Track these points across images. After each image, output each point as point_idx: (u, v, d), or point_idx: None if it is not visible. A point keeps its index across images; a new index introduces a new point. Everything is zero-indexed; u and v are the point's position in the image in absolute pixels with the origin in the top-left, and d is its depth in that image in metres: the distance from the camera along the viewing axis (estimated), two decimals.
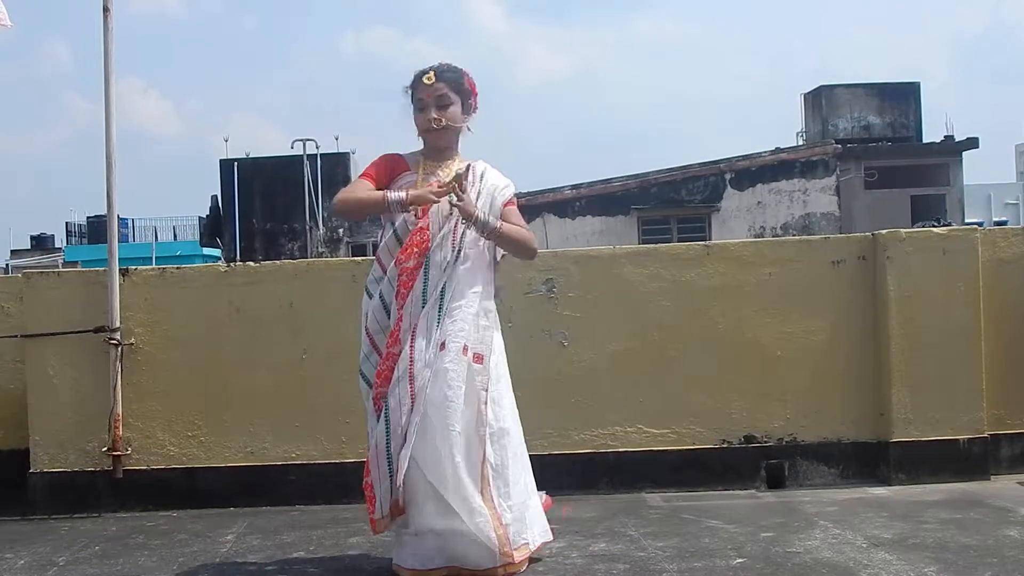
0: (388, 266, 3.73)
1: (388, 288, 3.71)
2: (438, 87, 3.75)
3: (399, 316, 3.65)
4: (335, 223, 29.15)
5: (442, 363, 3.59)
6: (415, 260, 3.67)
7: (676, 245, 5.37)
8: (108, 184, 5.12)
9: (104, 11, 5.02)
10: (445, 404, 3.58)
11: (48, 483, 5.02)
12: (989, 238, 5.26)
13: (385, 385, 3.63)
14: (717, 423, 5.08)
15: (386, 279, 3.72)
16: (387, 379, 3.63)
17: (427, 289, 3.64)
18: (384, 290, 3.71)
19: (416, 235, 3.69)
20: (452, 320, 3.63)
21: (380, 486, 3.60)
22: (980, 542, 3.95)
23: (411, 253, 3.68)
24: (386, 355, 3.65)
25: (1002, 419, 5.16)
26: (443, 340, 3.61)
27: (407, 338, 3.61)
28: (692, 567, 3.76)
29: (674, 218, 24.18)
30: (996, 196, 39.57)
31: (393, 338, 3.64)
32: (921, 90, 30.39)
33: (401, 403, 3.58)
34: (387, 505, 3.60)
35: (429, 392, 3.57)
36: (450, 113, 3.77)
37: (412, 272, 3.66)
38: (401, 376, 3.59)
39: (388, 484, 3.58)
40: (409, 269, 3.67)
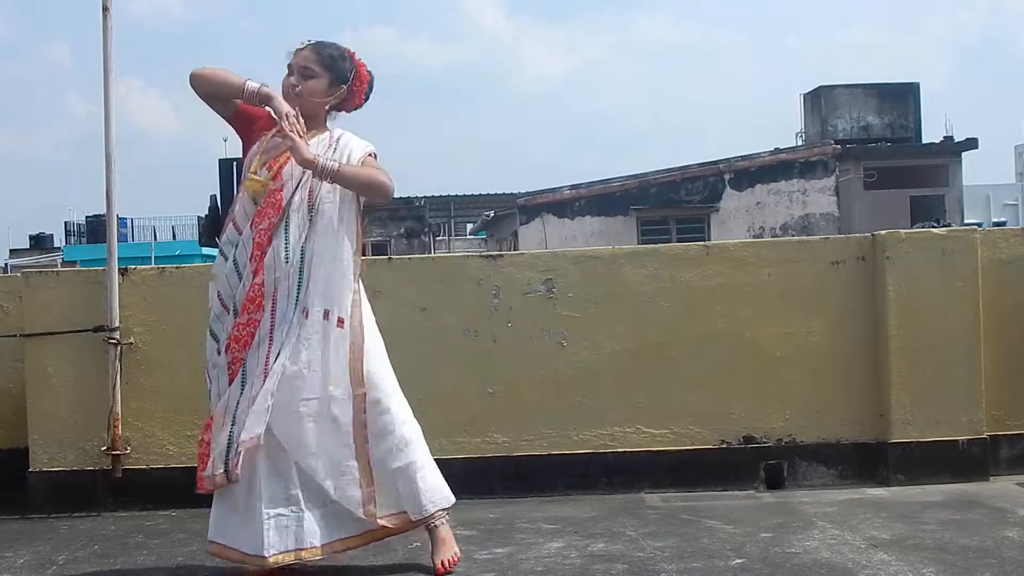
0: (244, 228, 3.69)
1: (242, 251, 3.67)
2: (306, 56, 3.75)
3: (258, 280, 3.62)
4: None
5: (304, 329, 3.59)
6: (269, 222, 3.64)
7: (675, 245, 5.37)
8: (107, 183, 5.11)
9: (103, 11, 5.02)
10: (304, 371, 3.58)
11: (47, 482, 5.02)
12: (989, 239, 5.26)
13: (243, 350, 3.61)
14: (716, 423, 5.08)
15: (240, 241, 3.69)
16: (246, 344, 3.61)
17: (288, 252, 3.62)
18: (238, 253, 3.68)
19: (271, 197, 3.65)
20: (314, 283, 3.62)
21: (217, 446, 3.57)
22: (979, 543, 3.95)
23: (265, 214, 3.65)
24: (247, 321, 3.61)
25: (1001, 420, 5.17)
26: (305, 306, 3.61)
27: (268, 302, 3.60)
28: (691, 567, 3.76)
29: (673, 218, 24.20)
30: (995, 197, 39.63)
31: (254, 303, 3.61)
32: (920, 91, 30.44)
33: (259, 366, 3.58)
34: (221, 465, 3.56)
35: (289, 360, 3.56)
36: (311, 86, 3.74)
37: (268, 235, 3.63)
38: (262, 339, 3.59)
39: (226, 445, 3.55)
40: (265, 231, 3.63)
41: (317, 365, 3.60)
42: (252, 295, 3.62)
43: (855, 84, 30.40)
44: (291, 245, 3.62)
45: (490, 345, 5.05)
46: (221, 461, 3.56)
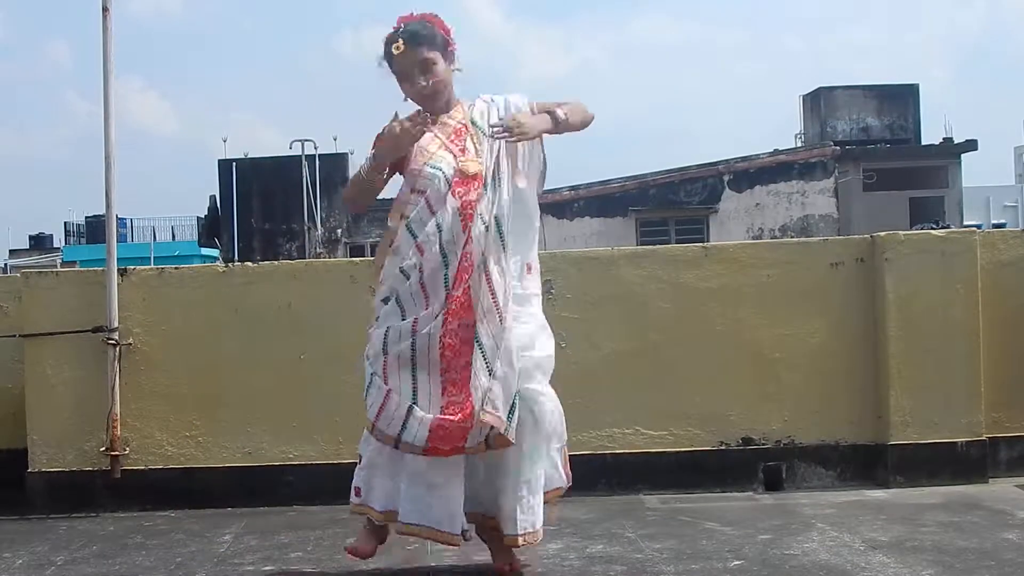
0: (444, 204, 3.54)
1: (448, 225, 3.53)
2: (412, 54, 3.55)
3: (464, 252, 3.49)
4: (333, 223, 29.15)
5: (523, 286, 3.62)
6: (475, 191, 3.52)
7: (674, 247, 5.38)
8: (107, 184, 5.11)
9: (103, 11, 5.02)
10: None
11: (46, 483, 5.02)
12: (988, 240, 5.26)
13: (455, 320, 3.48)
14: (715, 425, 5.08)
15: (439, 216, 3.53)
16: (460, 315, 3.49)
17: (485, 220, 3.50)
18: (443, 226, 3.52)
19: (463, 171, 3.54)
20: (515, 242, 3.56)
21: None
22: (978, 545, 3.95)
23: (471, 185, 3.53)
24: (462, 292, 3.48)
25: (1000, 422, 5.17)
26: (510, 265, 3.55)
27: (480, 271, 3.49)
28: (689, 569, 3.76)
29: (672, 219, 24.23)
30: (995, 198, 39.62)
31: (468, 273, 3.49)
32: (920, 92, 30.50)
33: (495, 336, 3.48)
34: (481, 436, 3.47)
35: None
36: (436, 72, 3.58)
37: (474, 203, 3.51)
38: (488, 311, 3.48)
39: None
40: (472, 201, 3.52)
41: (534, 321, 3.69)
42: (465, 265, 3.49)
43: (854, 85, 30.45)
44: (485, 216, 3.51)
45: None
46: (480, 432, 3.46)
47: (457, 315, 3.48)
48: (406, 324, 3.54)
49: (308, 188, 28.10)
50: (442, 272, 3.52)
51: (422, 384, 3.52)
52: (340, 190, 29.71)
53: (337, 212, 29.53)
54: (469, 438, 3.46)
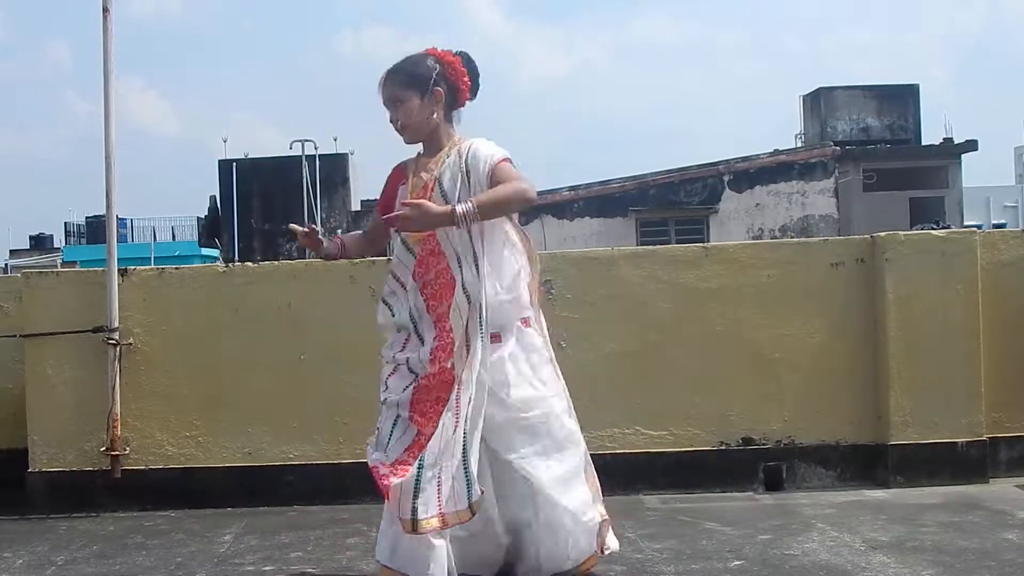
0: (406, 280, 3.55)
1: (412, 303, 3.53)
2: (387, 90, 3.57)
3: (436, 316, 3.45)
4: (333, 224, 29.15)
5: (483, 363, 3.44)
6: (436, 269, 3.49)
7: (674, 247, 5.38)
8: (107, 184, 5.12)
9: (103, 11, 5.02)
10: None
11: (46, 483, 5.02)
12: (988, 241, 5.26)
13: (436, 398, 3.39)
14: (715, 425, 5.08)
15: (408, 290, 3.54)
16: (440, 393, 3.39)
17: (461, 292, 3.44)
18: (412, 304, 3.52)
19: (424, 243, 3.50)
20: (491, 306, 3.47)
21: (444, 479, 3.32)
22: (978, 545, 3.95)
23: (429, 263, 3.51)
24: (438, 371, 3.40)
25: (1000, 422, 5.17)
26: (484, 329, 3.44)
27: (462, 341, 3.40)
28: (689, 569, 3.76)
29: (672, 220, 24.20)
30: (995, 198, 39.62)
31: (446, 352, 3.40)
32: (920, 92, 30.47)
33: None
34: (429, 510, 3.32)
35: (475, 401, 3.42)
36: (404, 111, 3.56)
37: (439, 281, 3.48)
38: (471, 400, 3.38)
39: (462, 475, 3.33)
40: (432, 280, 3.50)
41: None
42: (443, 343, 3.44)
43: (854, 86, 30.43)
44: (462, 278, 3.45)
45: None
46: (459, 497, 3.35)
47: (431, 394, 3.41)
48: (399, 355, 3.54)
49: (308, 188, 28.11)
50: (416, 352, 3.48)
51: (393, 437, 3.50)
52: (340, 190, 29.78)
53: (337, 212, 29.55)
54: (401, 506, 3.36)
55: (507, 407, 3.44)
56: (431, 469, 3.32)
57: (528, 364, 3.54)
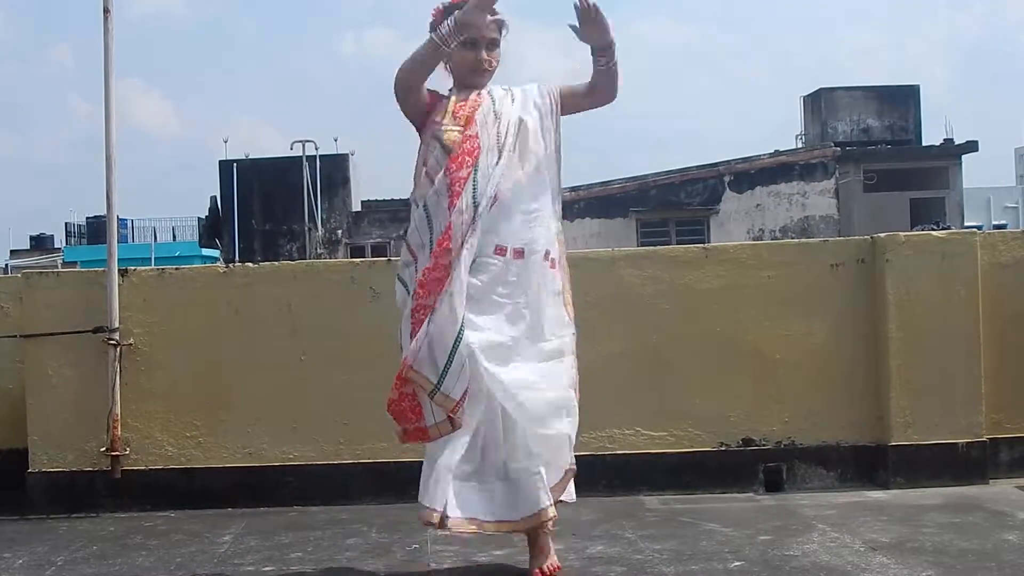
0: (437, 177, 3.57)
1: (435, 199, 3.55)
2: (492, 31, 3.63)
3: (448, 225, 3.49)
4: (333, 224, 29.16)
5: (510, 269, 3.54)
6: (467, 169, 3.53)
7: (674, 248, 5.37)
8: (107, 185, 5.12)
9: (104, 12, 5.03)
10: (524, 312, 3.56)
11: (46, 483, 5.02)
12: (988, 242, 5.26)
13: (428, 296, 3.47)
14: (715, 426, 5.08)
15: (432, 191, 3.56)
16: (432, 290, 3.47)
17: (476, 195, 3.50)
18: (430, 201, 3.56)
19: (466, 143, 3.56)
20: (529, 225, 3.57)
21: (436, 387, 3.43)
22: (978, 546, 3.95)
23: (462, 161, 3.54)
24: (433, 265, 3.48)
25: (1001, 423, 5.17)
26: (520, 247, 3.54)
27: (459, 246, 3.47)
28: (690, 570, 3.76)
29: (673, 220, 24.22)
30: (995, 199, 39.64)
31: (442, 247, 3.48)
32: (920, 93, 30.49)
33: (452, 311, 3.44)
34: (440, 413, 3.47)
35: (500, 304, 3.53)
36: (495, 55, 3.68)
37: (463, 181, 3.53)
38: (452, 284, 3.45)
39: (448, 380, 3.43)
40: (462, 179, 3.53)
41: (530, 306, 3.58)
42: (442, 240, 3.49)
43: (855, 87, 30.45)
44: (478, 189, 3.51)
45: None
46: (441, 410, 3.47)
47: (429, 291, 3.48)
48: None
49: (309, 189, 28.11)
50: (428, 248, 3.55)
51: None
52: (341, 191, 29.77)
53: (338, 213, 29.55)
54: (425, 415, 3.50)
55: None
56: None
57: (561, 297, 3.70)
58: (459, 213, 3.49)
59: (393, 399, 3.54)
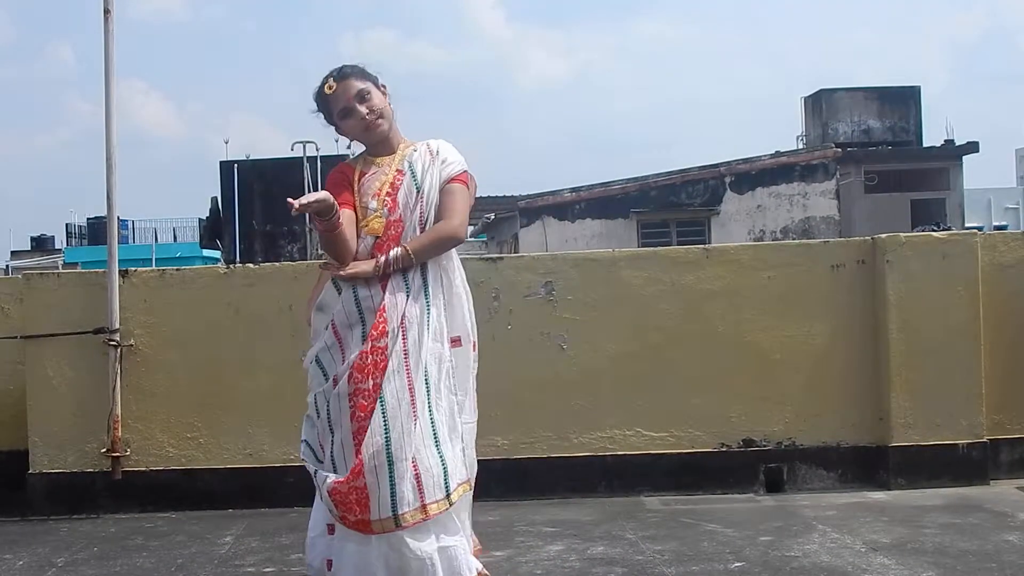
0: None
1: (366, 280, 3.46)
2: (347, 87, 3.52)
3: (382, 307, 3.42)
4: None
5: (449, 359, 3.46)
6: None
7: (675, 248, 5.38)
8: (108, 185, 5.12)
9: (105, 13, 5.03)
10: (461, 400, 3.48)
11: (47, 484, 5.02)
12: (989, 242, 5.26)
13: (367, 379, 3.37)
14: (716, 427, 5.08)
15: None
16: (370, 373, 3.38)
17: (406, 276, 3.46)
18: (358, 284, 3.47)
19: (390, 228, 3.49)
20: (452, 310, 3.51)
21: (380, 489, 3.29)
22: (979, 547, 3.95)
23: (387, 245, 3.47)
24: (371, 348, 3.39)
25: (1001, 424, 5.17)
26: (444, 331, 3.47)
27: (396, 329, 3.41)
28: (690, 571, 3.76)
29: (673, 221, 24.18)
30: (996, 200, 39.58)
31: (379, 330, 3.40)
32: (921, 94, 30.45)
33: (400, 399, 3.37)
34: (389, 507, 3.29)
35: (435, 390, 3.41)
36: (373, 102, 3.52)
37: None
38: (396, 370, 3.38)
39: (390, 487, 3.29)
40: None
41: (463, 393, 3.52)
42: (378, 322, 3.40)
43: (856, 87, 30.42)
44: (412, 271, 3.46)
45: (490, 347, 5.04)
46: (387, 505, 3.28)
47: (368, 374, 3.37)
48: (327, 386, 3.45)
49: (309, 189, 28.03)
50: (359, 328, 3.44)
51: (337, 451, 3.38)
52: None
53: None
54: (372, 506, 3.28)
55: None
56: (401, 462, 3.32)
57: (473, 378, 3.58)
58: (391, 294, 3.43)
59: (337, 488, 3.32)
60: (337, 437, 3.39)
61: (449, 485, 3.35)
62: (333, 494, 3.30)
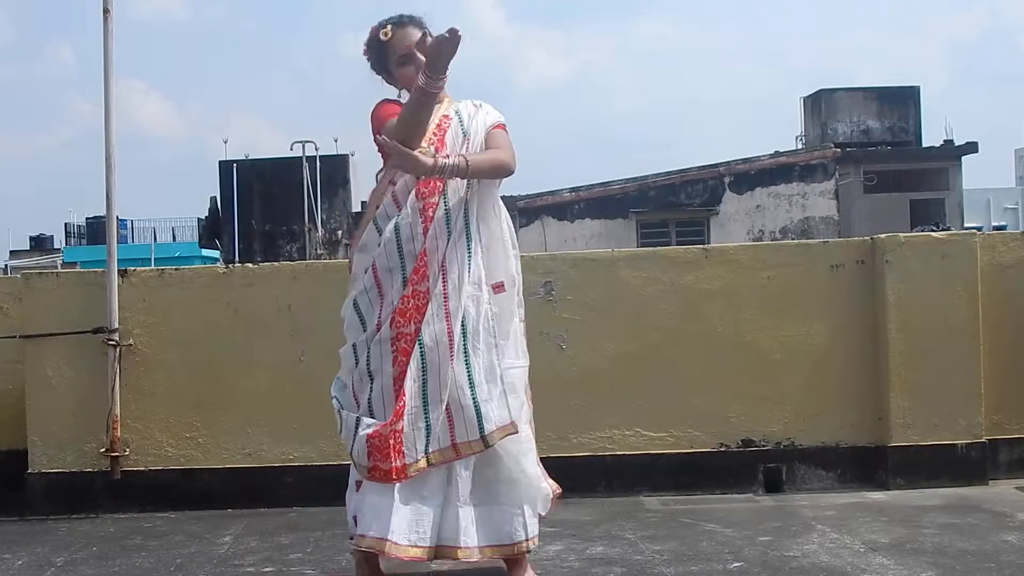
0: (405, 201, 3.46)
1: (407, 223, 3.42)
2: (409, 33, 3.52)
3: (422, 251, 3.40)
4: (333, 225, 29.15)
5: (488, 303, 3.44)
6: (436, 193, 3.45)
7: (674, 248, 5.38)
8: (107, 185, 5.12)
9: (104, 12, 5.03)
10: (500, 344, 3.45)
11: (46, 484, 5.02)
12: (988, 242, 5.26)
13: (409, 323, 3.35)
14: (715, 427, 5.08)
15: (401, 214, 3.44)
16: (412, 317, 3.36)
17: (449, 220, 3.43)
18: (401, 224, 3.42)
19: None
20: (494, 256, 3.49)
21: (415, 430, 3.28)
22: (978, 547, 3.95)
23: (435, 187, 3.45)
24: (412, 292, 3.37)
25: (1000, 424, 5.17)
26: (483, 276, 3.45)
27: (437, 272, 3.38)
28: (689, 571, 3.76)
29: (673, 221, 24.20)
30: (995, 200, 39.62)
31: (420, 274, 3.38)
32: (920, 94, 30.47)
33: (439, 342, 3.34)
34: (421, 447, 3.29)
35: (474, 334, 3.39)
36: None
37: (434, 206, 3.44)
38: (435, 313, 3.36)
39: (425, 429, 3.29)
40: (433, 203, 3.44)
41: (504, 337, 3.50)
42: (418, 266, 3.39)
43: (855, 88, 30.44)
44: (451, 213, 3.43)
45: None
46: (420, 445, 3.30)
47: (410, 318, 3.36)
48: (368, 333, 3.43)
49: (309, 189, 28.07)
50: (399, 273, 3.42)
51: (376, 397, 3.38)
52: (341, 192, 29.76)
53: (338, 213, 29.54)
54: (406, 450, 3.28)
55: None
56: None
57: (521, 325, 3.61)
58: (433, 239, 3.42)
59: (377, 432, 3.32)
60: (377, 384, 3.39)
61: (484, 427, 3.34)
62: (373, 438, 3.29)
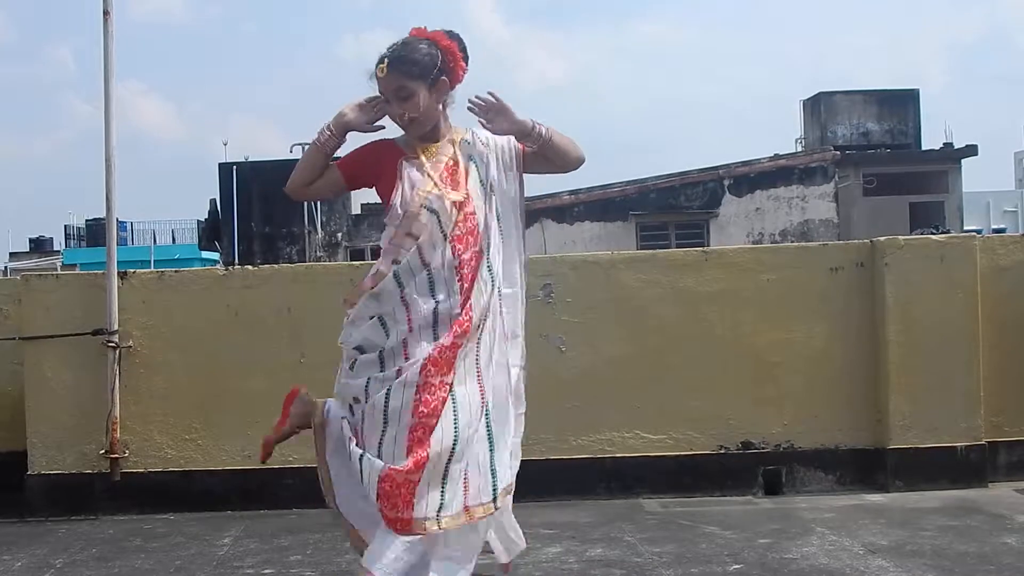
0: (432, 257, 3.29)
1: (443, 278, 3.28)
2: (391, 79, 3.35)
3: (467, 307, 3.26)
4: (333, 227, 29.17)
5: (517, 364, 3.45)
6: (472, 249, 3.31)
7: (674, 251, 5.38)
8: (107, 187, 5.12)
9: (104, 15, 5.03)
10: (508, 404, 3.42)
11: (45, 485, 5.02)
12: (987, 245, 5.26)
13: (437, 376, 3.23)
14: (714, 429, 5.08)
15: (434, 269, 3.29)
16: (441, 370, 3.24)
17: (490, 276, 3.33)
18: (436, 280, 3.29)
19: (465, 221, 3.31)
20: (507, 307, 3.40)
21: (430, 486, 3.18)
22: (977, 549, 3.95)
23: (466, 241, 3.31)
24: (451, 343, 3.24)
25: (1000, 426, 5.17)
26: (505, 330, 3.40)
27: (479, 326, 3.29)
28: (689, 573, 3.76)
29: (672, 224, 24.20)
30: (995, 203, 39.62)
31: (463, 328, 3.25)
32: (920, 97, 30.46)
33: (471, 402, 3.27)
34: (434, 508, 3.19)
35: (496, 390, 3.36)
36: (412, 104, 3.33)
37: (474, 262, 3.31)
38: (468, 371, 3.29)
39: (440, 489, 3.20)
40: (470, 259, 3.31)
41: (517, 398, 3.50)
42: (463, 320, 3.26)
43: (855, 90, 30.42)
44: (493, 269, 3.34)
45: None
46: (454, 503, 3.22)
47: (440, 369, 3.26)
48: (388, 373, 3.32)
49: None
50: (429, 329, 3.29)
51: (388, 443, 3.27)
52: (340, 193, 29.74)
53: (337, 216, 29.55)
54: (416, 503, 3.18)
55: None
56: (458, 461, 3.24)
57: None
58: (477, 296, 3.30)
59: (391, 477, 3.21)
60: (390, 432, 3.26)
61: (497, 487, 3.29)
62: (385, 481, 3.20)
